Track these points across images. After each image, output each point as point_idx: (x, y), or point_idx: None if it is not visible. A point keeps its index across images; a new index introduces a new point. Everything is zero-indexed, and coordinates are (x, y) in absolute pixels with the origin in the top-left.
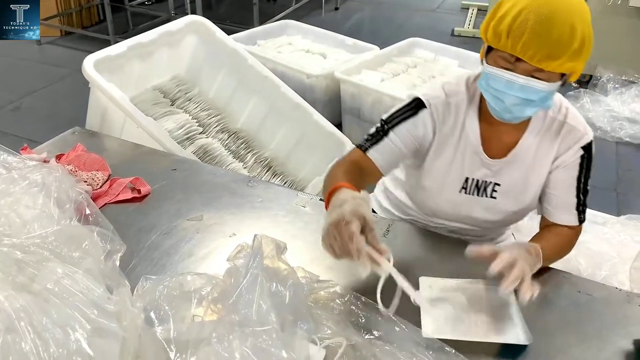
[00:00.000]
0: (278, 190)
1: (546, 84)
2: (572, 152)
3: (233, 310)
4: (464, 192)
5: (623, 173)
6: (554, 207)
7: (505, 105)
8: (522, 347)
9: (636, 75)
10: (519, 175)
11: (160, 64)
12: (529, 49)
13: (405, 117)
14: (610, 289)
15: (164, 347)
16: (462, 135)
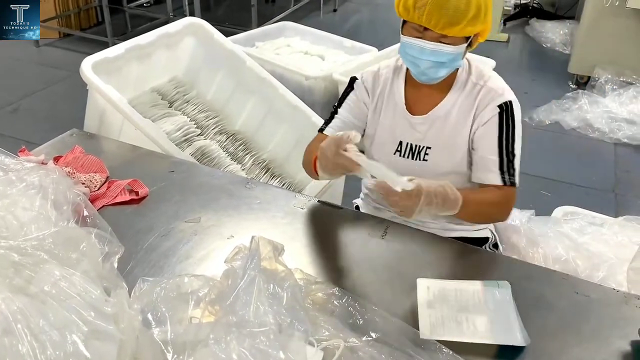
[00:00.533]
0: (276, 192)
1: (452, 47)
2: (488, 110)
3: (230, 312)
4: (398, 155)
5: (621, 174)
6: (478, 167)
7: (421, 69)
8: (520, 349)
9: (634, 77)
10: (444, 136)
11: (158, 65)
12: (431, 18)
13: (346, 94)
14: (608, 290)
15: (162, 349)
16: (390, 100)
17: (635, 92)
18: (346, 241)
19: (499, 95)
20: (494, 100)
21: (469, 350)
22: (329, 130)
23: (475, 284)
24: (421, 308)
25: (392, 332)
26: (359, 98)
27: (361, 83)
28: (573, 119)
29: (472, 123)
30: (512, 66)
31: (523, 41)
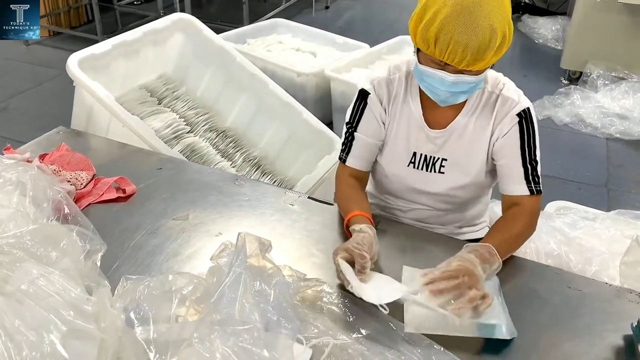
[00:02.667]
0: (266, 188)
1: (475, 77)
2: (507, 121)
3: (215, 310)
4: (412, 167)
5: (613, 169)
6: (503, 179)
7: (440, 98)
8: (511, 343)
9: (626, 72)
10: (462, 149)
11: (146, 62)
12: (455, 57)
13: (360, 112)
14: (601, 284)
15: (144, 349)
16: (405, 109)
17: (627, 87)
18: (336, 238)
19: (516, 104)
20: (512, 109)
21: (460, 346)
22: (351, 162)
23: None
24: (406, 302)
25: (382, 329)
26: (375, 116)
27: (375, 98)
28: (565, 115)
29: (492, 134)
30: (504, 62)
31: (515, 37)
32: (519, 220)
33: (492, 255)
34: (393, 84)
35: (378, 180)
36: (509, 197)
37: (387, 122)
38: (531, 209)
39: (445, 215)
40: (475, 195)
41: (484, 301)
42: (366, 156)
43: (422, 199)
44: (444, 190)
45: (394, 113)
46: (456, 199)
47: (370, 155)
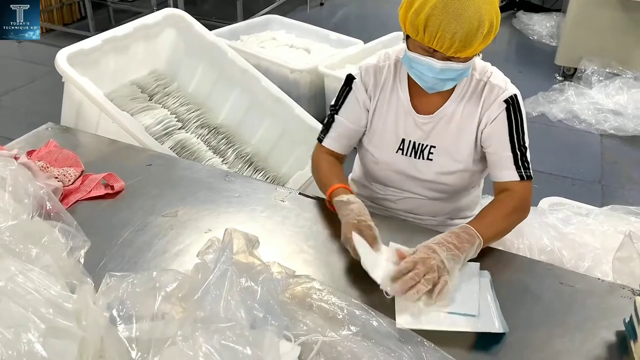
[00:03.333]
0: (256, 184)
1: (463, 64)
2: (495, 107)
3: (199, 307)
4: (400, 153)
5: (607, 165)
6: (493, 166)
7: (428, 85)
8: (503, 339)
9: (620, 68)
10: (450, 135)
11: (137, 58)
12: (443, 43)
13: (344, 96)
14: (593, 280)
15: (127, 347)
16: (394, 96)
17: (621, 84)
18: (327, 234)
19: (503, 91)
20: (499, 96)
21: (451, 341)
22: (327, 142)
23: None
24: (398, 298)
25: (372, 326)
26: (358, 101)
27: (360, 84)
28: (560, 111)
29: (479, 121)
30: (499, 59)
31: (510, 34)
32: (507, 203)
33: (472, 235)
34: (382, 71)
35: (368, 168)
36: (499, 184)
37: (373, 109)
38: (521, 194)
39: (435, 205)
40: (464, 183)
41: (436, 287)
42: (343, 140)
43: (411, 186)
44: (432, 176)
45: (382, 100)
46: (445, 187)
47: (348, 140)
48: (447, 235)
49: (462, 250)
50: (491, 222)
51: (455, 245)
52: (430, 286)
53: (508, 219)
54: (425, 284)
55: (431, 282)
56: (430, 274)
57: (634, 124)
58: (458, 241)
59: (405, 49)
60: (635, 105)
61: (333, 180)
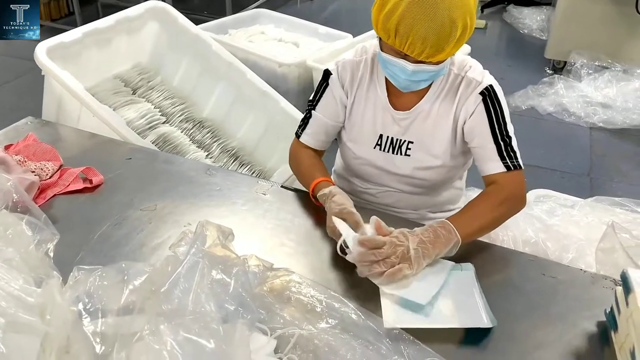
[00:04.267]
0: (238, 178)
1: (436, 66)
2: (472, 101)
3: (166, 300)
4: (378, 149)
5: (596, 158)
6: (479, 159)
7: (402, 85)
8: (486, 331)
9: (609, 61)
10: (427, 131)
11: (120, 51)
12: (414, 49)
13: (321, 92)
14: (575, 271)
15: (93, 342)
16: (372, 91)
17: (611, 76)
18: (308, 227)
19: (478, 84)
20: (475, 90)
21: (434, 335)
22: (305, 138)
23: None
24: (383, 296)
25: (351, 319)
26: (335, 97)
27: (337, 80)
28: (549, 104)
29: (456, 116)
30: (489, 53)
31: (500, 28)
32: (493, 196)
33: (450, 233)
34: (359, 66)
35: (347, 163)
36: (487, 177)
37: (350, 104)
38: (510, 185)
39: (415, 199)
40: (442, 178)
41: (389, 270)
42: (320, 136)
43: (389, 181)
44: (409, 172)
45: (359, 95)
46: (424, 182)
47: (325, 136)
48: (426, 230)
49: (435, 247)
50: (474, 217)
51: (431, 240)
52: (386, 269)
53: (495, 211)
54: (381, 266)
55: (389, 266)
56: (392, 258)
57: (623, 117)
58: (434, 236)
59: (379, 49)
60: (624, 98)
61: (315, 174)
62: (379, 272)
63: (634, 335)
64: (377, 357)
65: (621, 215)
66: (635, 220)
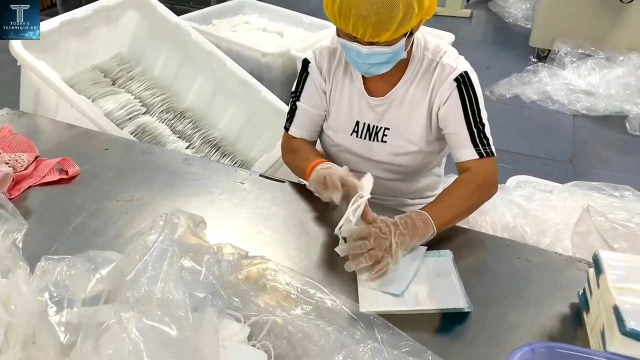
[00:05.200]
0: (216, 167)
1: (389, 47)
2: (446, 87)
3: (132, 288)
4: (355, 136)
5: (579, 145)
6: (453, 146)
7: (363, 69)
8: (460, 316)
9: (592, 48)
10: (402, 117)
11: (99, 41)
12: (358, 29)
13: (303, 82)
14: (551, 254)
15: (58, 331)
16: (348, 78)
17: (594, 64)
18: (287, 215)
19: (453, 70)
20: (449, 76)
21: (409, 321)
22: (293, 131)
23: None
24: (360, 281)
25: (326, 305)
26: (316, 85)
27: (315, 67)
28: (533, 92)
29: (431, 101)
30: (474, 41)
31: (486, 17)
32: (467, 184)
33: (427, 225)
34: (335, 53)
35: (327, 151)
36: (461, 164)
37: (329, 91)
38: (483, 172)
39: (394, 186)
40: (419, 164)
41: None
42: (309, 126)
43: (367, 168)
44: (386, 158)
45: (336, 82)
46: (400, 168)
47: (313, 126)
48: (405, 221)
49: (412, 239)
50: (449, 206)
51: (409, 233)
52: (371, 262)
53: (469, 199)
54: (367, 259)
55: (373, 259)
56: (376, 251)
57: (605, 104)
58: (413, 229)
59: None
60: (607, 85)
61: (312, 157)
62: (365, 264)
63: (604, 315)
64: (351, 342)
65: (599, 200)
66: (611, 204)
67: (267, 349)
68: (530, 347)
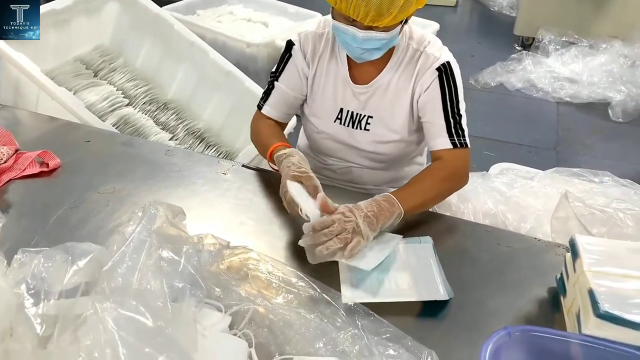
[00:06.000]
0: (198, 158)
1: (386, 33)
2: (428, 75)
3: (108, 278)
4: (339, 123)
5: (563, 132)
6: (428, 134)
7: (355, 54)
8: (440, 302)
9: (576, 36)
10: (385, 105)
11: (80, 33)
12: (359, 12)
13: (284, 63)
14: (530, 240)
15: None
16: (333, 64)
17: (577, 52)
18: (269, 205)
19: (436, 59)
20: (432, 65)
21: (390, 308)
22: (267, 110)
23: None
24: (342, 272)
25: (308, 293)
26: (297, 68)
27: (299, 51)
28: (517, 80)
29: (413, 90)
30: (460, 30)
31: (471, 5)
32: (437, 171)
33: (393, 204)
34: (321, 38)
35: (310, 138)
36: (434, 153)
37: (312, 76)
38: (455, 162)
39: (376, 174)
40: (401, 153)
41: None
42: (282, 107)
43: (350, 156)
44: (369, 146)
45: (321, 68)
46: (383, 157)
47: (287, 108)
48: (369, 204)
49: (379, 220)
50: (418, 191)
51: (375, 214)
52: (342, 245)
53: (438, 187)
54: (337, 242)
55: (343, 242)
56: (344, 234)
57: (589, 91)
58: (378, 209)
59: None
60: (590, 73)
61: (273, 140)
62: (336, 248)
63: (580, 299)
64: (332, 329)
65: (579, 185)
66: (591, 189)
67: (248, 338)
68: (507, 331)
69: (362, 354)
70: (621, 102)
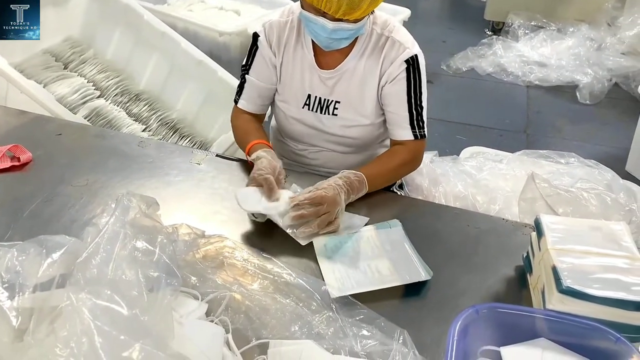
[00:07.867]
0: (171, 149)
1: (355, 24)
2: (396, 66)
3: (83, 270)
4: (307, 109)
5: (532, 115)
6: (391, 124)
7: (323, 44)
8: (412, 283)
9: (544, 20)
10: (353, 90)
11: (48, 24)
12: (331, 6)
13: (252, 55)
14: (498, 220)
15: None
16: (299, 51)
17: (546, 36)
18: None
19: (404, 50)
20: (400, 55)
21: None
22: (242, 104)
23: (368, 230)
24: (323, 265)
25: (283, 278)
26: (265, 59)
27: (265, 41)
28: (488, 65)
29: (380, 76)
30: (431, 16)
31: None
32: (399, 155)
33: (361, 183)
34: (285, 27)
35: (280, 124)
36: (395, 141)
37: (279, 64)
38: (414, 150)
39: (347, 158)
40: (371, 136)
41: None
42: (257, 100)
43: (320, 141)
44: (337, 131)
45: (287, 56)
46: (352, 141)
47: (262, 99)
48: (343, 181)
49: (348, 197)
50: (382, 173)
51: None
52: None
53: (399, 170)
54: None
55: (326, 221)
56: (330, 215)
57: (557, 75)
58: (352, 187)
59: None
60: (558, 56)
61: (250, 137)
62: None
63: (544, 275)
64: (308, 313)
65: (547, 167)
66: (557, 170)
67: (225, 324)
68: (475, 309)
69: (336, 335)
70: (588, 85)
